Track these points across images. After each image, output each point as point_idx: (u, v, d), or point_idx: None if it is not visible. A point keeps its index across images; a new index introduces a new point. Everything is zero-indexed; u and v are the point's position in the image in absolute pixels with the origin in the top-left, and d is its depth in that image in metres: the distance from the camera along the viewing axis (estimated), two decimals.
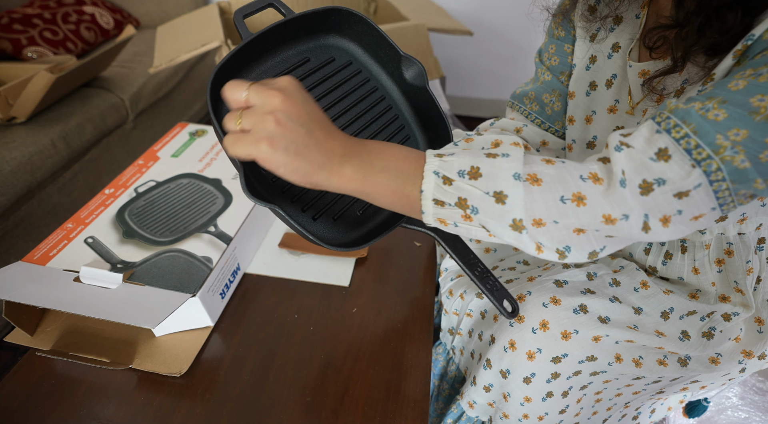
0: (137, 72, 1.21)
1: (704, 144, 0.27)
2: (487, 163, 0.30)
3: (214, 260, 0.52)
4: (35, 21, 1.23)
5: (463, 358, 0.55)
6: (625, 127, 0.44)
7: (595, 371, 0.43)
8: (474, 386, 0.49)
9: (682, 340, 0.43)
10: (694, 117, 0.28)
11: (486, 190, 0.30)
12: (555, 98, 0.52)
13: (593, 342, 0.42)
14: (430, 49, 0.95)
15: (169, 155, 0.69)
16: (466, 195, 0.30)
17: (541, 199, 0.29)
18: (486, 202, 0.30)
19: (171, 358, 0.47)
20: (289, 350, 0.49)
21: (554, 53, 0.51)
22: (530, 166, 0.30)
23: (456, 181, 0.30)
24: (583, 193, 0.29)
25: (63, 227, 0.56)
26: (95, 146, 1.07)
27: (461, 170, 0.30)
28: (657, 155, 0.28)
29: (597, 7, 0.45)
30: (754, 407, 0.63)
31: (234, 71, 0.38)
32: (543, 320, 0.42)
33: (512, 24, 1.44)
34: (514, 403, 0.46)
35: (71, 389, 0.45)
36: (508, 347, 0.44)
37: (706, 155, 0.27)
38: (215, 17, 1.01)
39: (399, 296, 0.55)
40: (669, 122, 0.29)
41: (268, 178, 0.38)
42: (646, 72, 0.42)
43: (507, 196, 0.29)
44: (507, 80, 1.59)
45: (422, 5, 1.18)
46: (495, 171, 0.30)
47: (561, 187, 0.29)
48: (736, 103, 0.27)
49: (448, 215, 0.31)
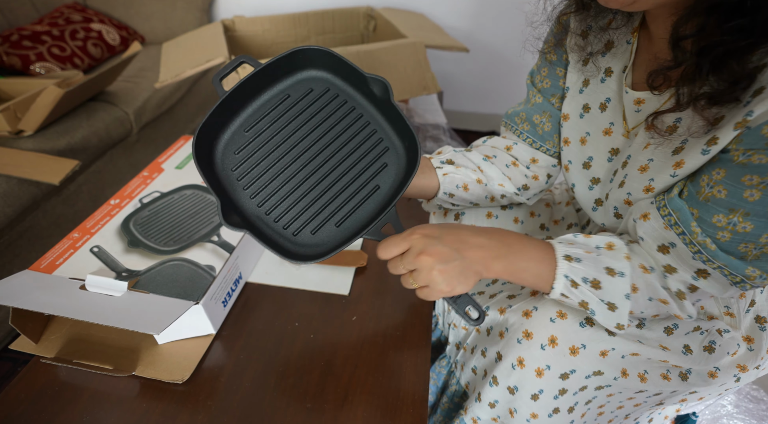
0: (142, 86, 1.24)
1: (738, 274, 0.35)
2: (606, 281, 0.39)
3: (217, 268, 0.53)
4: (44, 38, 1.26)
5: (464, 373, 0.55)
6: (621, 149, 0.45)
7: (600, 386, 0.44)
8: (479, 403, 0.48)
9: (685, 354, 0.44)
10: (725, 260, 0.35)
11: (602, 298, 0.40)
12: (545, 119, 0.53)
13: (600, 357, 0.42)
14: (427, 65, 0.98)
15: (174, 167, 0.71)
16: (588, 300, 0.40)
17: (634, 300, 0.40)
18: (601, 307, 0.40)
19: (173, 365, 0.48)
20: (289, 357, 0.50)
21: (546, 76, 0.53)
22: (634, 279, 0.39)
23: (581, 286, 0.40)
24: (662, 297, 0.40)
25: (69, 236, 0.57)
26: (100, 158, 1.09)
27: (585, 278, 0.40)
28: (697, 274, 0.38)
29: (589, 32, 0.46)
30: (748, 415, 0.64)
31: (219, 125, 0.44)
32: (551, 335, 0.42)
33: (506, 42, 1.49)
34: (520, 419, 0.45)
35: (75, 395, 0.46)
36: (517, 365, 0.44)
37: (740, 279, 0.36)
38: (219, 34, 1.04)
39: (397, 305, 0.56)
40: (702, 256, 0.36)
41: (252, 206, 0.44)
42: (642, 100, 0.42)
43: (617, 308, 0.40)
44: (501, 95, 1.63)
45: (420, 23, 1.22)
46: (612, 288, 0.39)
47: (651, 291, 0.40)
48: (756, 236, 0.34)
49: (569, 303, 0.42)
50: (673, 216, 0.37)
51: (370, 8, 1.28)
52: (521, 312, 0.46)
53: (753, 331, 0.47)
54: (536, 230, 0.63)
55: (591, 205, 0.51)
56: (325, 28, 1.28)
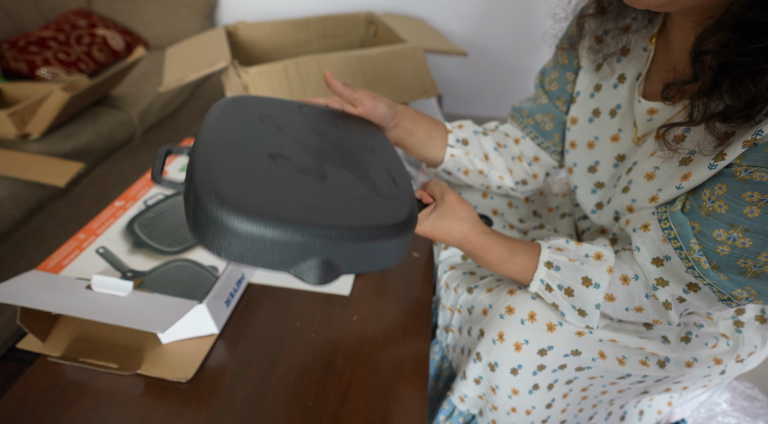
0: (145, 91, 1.26)
1: (726, 293, 0.36)
2: (580, 290, 0.42)
3: (220, 269, 0.54)
4: (50, 43, 1.28)
5: (455, 355, 0.56)
6: (628, 156, 0.46)
7: (580, 367, 0.45)
8: (464, 380, 0.50)
9: (664, 343, 0.45)
10: (715, 279, 0.36)
11: (573, 305, 0.43)
12: (548, 120, 0.54)
13: (576, 336, 0.44)
14: (427, 69, 1.00)
15: (177, 170, 0.72)
16: (559, 303, 0.44)
17: (611, 308, 0.42)
18: (571, 312, 0.43)
19: (177, 364, 0.49)
20: (291, 356, 0.51)
21: (555, 79, 0.53)
22: (611, 287, 0.41)
23: (554, 291, 0.43)
24: (643, 306, 0.41)
25: (75, 237, 0.58)
26: (104, 161, 1.10)
27: (560, 285, 0.43)
28: (688, 287, 0.38)
29: (605, 38, 0.46)
30: (743, 413, 0.64)
31: None
32: (531, 311, 0.44)
33: (504, 46, 1.50)
34: (502, 395, 0.47)
35: (81, 393, 0.46)
36: (497, 339, 0.45)
37: (728, 297, 0.36)
38: (222, 39, 1.06)
39: (398, 305, 0.57)
40: (694, 272, 0.37)
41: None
42: (654, 110, 0.42)
43: (587, 314, 0.42)
44: (500, 99, 1.64)
45: (419, 28, 1.24)
46: (584, 297, 0.42)
47: (628, 302, 0.41)
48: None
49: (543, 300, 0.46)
50: (674, 230, 0.37)
51: (370, 14, 1.30)
52: (506, 290, 0.48)
53: (730, 332, 0.48)
54: (529, 215, 0.65)
55: (591, 208, 0.52)
56: (326, 33, 1.29)
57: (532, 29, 1.45)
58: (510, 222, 0.62)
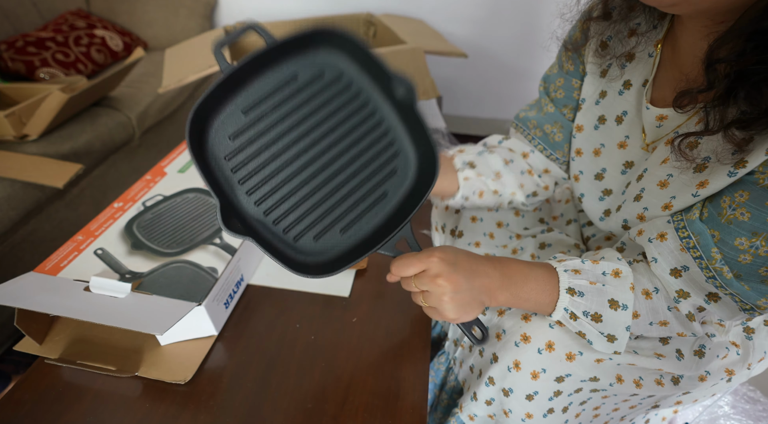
0: (144, 92, 1.26)
1: (749, 302, 0.36)
2: (608, 314, 0.40)
3: (219, 270, 0.53)
4: (48, 44, 1.28)
5: (462, 370, 0.55)
6: (636, 162, 0.45)
7: (596, 389, 0.44)
8: (474, 401, 0.49)
9: (679, 359, 0.44)
10: (738, 289, 0.35)
11: (602, 331, 0.40)
12: (557, 129, 0.53)
13: (596, 364, 0.43)
14: (426, 70, 1.00)
15: (176, 171, 0.72)
16: (586, 331, 0.41)
17: (635, 325, 0.41)
18: (599, 339, 0.41)
19: (176, 366, 0.48)
20: (290, 358, 0.50)
21: (561, 86, 0.52)
22: (636, 306, 0.40)
23: (580, 318, 0.41)
24: (667, 320, 0.41)
25: (73, 239, 0.58)
26: (102, 162, 1.10)
27: (586, 312, 0.40)
28: (708, 297, 0.38)
29: (609, 43, 0.45)
30: (745, 416, 0.64)
31: (220, 99, 0.38)
32: (549, 340, 0.42)
33: (504, 47, 1.51)
34: (515, 419, 0.46)
35: (79, 396, 0.46)
36: (513, 368, 0.44)
37: (750, 307, 0.36)
38: None
39: (397, 307, 0.57)
40: (715, 282, 0.36)
41: (249, 205, 0.39)
42: (664, 117, 0.41)
43: (617, 339, 0.40)
44: (499, 100, 1.64)
45: (419, 29, 1.24)
46: (613, 321, 0.40)
47: (653, 316, 0.41)
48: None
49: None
50: (693, 239, 0.36)
51: (369, 14, 1.30)
52: (520, 316, 0.46)
53: (740, 339, 0.47)
54: (535, 223, 0.64)
55: (599, 216, 0.51)
56: None
57: (533, 31, 1.45)
58: (516, 232, 0.61)
